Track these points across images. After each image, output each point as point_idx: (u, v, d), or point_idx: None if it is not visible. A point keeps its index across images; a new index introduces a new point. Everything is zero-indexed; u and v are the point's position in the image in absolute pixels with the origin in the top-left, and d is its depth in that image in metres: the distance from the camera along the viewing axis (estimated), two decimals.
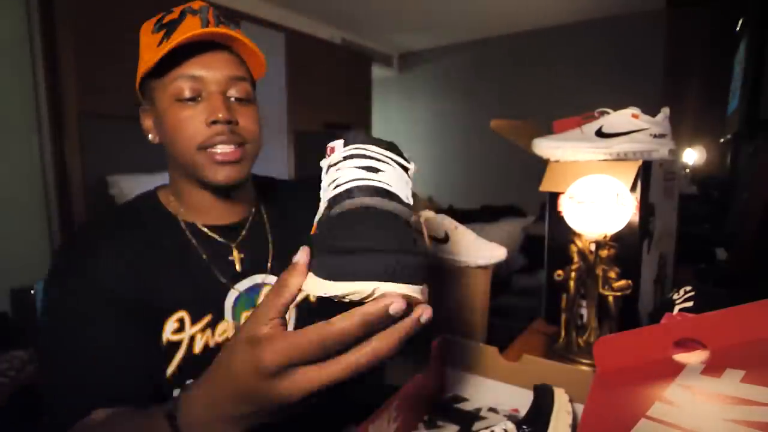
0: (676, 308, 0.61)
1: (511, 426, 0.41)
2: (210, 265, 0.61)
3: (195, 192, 0.62)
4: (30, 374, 1.22)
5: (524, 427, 0.42)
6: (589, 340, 0.75)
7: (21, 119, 1.95)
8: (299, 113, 3.11)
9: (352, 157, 0.36)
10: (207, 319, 0.59)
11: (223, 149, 0.56)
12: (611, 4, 3.32)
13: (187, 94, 0.56)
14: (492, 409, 0.50)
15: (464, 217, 3.12)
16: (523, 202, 3.61)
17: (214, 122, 0.55)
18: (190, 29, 0.54)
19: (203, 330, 0.58)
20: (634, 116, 0.80)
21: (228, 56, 0.58)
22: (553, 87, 3.82)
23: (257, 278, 0.63)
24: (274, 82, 2.92)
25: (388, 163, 0.37)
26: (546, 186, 0.85)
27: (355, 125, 3.55)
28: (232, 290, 0.61)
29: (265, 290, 0.63)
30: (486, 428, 0.43)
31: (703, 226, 1.58)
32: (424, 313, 0.32)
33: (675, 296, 0.64)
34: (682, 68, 2.88)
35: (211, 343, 0.59)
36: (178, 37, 0.53)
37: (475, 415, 0.49)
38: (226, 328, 0.60)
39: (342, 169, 0.36)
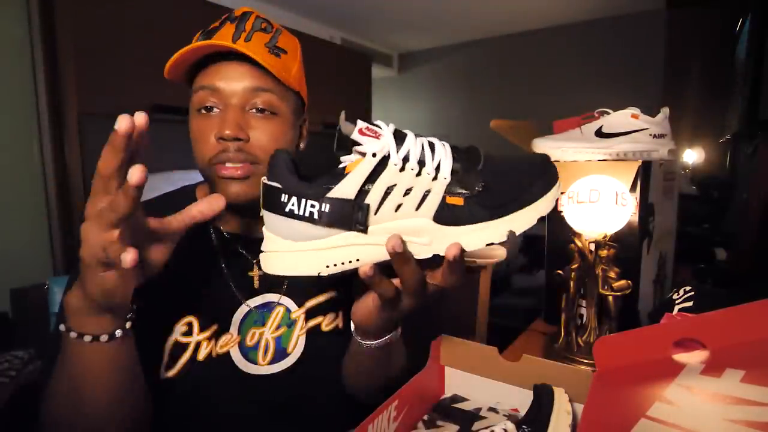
0: (676, 308, 0.61)
1: (511, 426, 0.41)
2: (229, 280, 0.60)
3: None
4: (30, 374, 1.22)
5: (524, 427, 0.42)
6: (588, 340, 0.75)
7: (21, 119, 1.95)
8: None
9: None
10: (214, 328, 0.58)
11: (229, 165, 0.55)
12: (611, 4, 3.32)
13: (198, 104, 0.55)
14: (492, 409, 0.50)
15: None
16: None
17: (222, 138, 0.54)
18: (220, 38, 0.53)
19: (209, 339, 0.58)
20: (634, 116, 0.80)
21: (249, 67, 0.55)
22: (553, 87, 3.82)
23: (271, 297, 0.62)
24: None
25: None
26: None
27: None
28: (243, 305, 0.60)
29: (277, 310, 0.62)
30: (486, 428, 0.43)
31: (702, 226, 1.58)
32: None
33: (675, 296, 0.64)
34: (682, 68, 2.88)
35: (214, 353, 0.58)
36: (196, 43, 0.53)
37: (475, 415, 0.49)
38: (228, 340, 0.59)
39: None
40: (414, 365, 0.52)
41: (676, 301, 0.63)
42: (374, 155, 0.38)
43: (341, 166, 0.41)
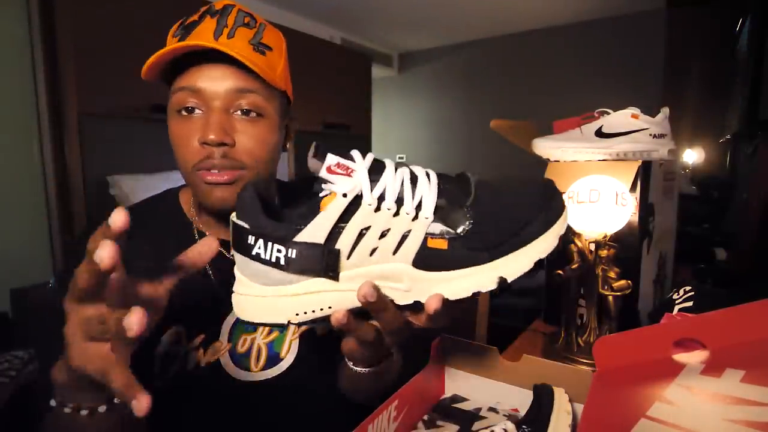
0: (676, 308, 0.61)
1: (511, 426, 0.41)
2: (216, 285, 0.58)
3: (206, 207, 0.59)
4: (30, 374, 1.22)
5: (524, 427, 0.42)
6: (588, 340, 0.75)
7: (21, 119, 1.95)
8: (299, 113, 3.10)
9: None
10: (202, 337, 0.57)
11: (214, 172, 0.52)
12: (611, 4, 3.32)
13: (177, 105, 0.52)
14: (492, 409, 0.50)
15: None
16: None
17: (205, 143, 0.51)
18: (200, 35, 0.50)
19: (198, 348, 0.57)
20: (634, 116, 0.80)
21: (232, 66, 0.51)
22: (553, 87, 3.82)
23: None
24: None
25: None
26: None
27: (354, 125, 3.55)
28: (233, 312, 0.60)
29: None
30: (486, 428, 0.43)
31: (702, 226, 1.58)
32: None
33: (675, 296, 0.64)
34: (682, 68, 2.88)
35: (204, 363, 0.57)
36: (174, 44, 0.49)
37: (475, 415, 0.49)
38: (218, 349, 0.57)
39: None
40: (414, 365, 0.52)
41: (676, 301, 0.63)
42: (345, 195, 0.34)
43: (321, 194, 0.36)
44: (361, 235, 0.34)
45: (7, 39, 1.89)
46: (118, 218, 0.30)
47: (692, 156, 2.30)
